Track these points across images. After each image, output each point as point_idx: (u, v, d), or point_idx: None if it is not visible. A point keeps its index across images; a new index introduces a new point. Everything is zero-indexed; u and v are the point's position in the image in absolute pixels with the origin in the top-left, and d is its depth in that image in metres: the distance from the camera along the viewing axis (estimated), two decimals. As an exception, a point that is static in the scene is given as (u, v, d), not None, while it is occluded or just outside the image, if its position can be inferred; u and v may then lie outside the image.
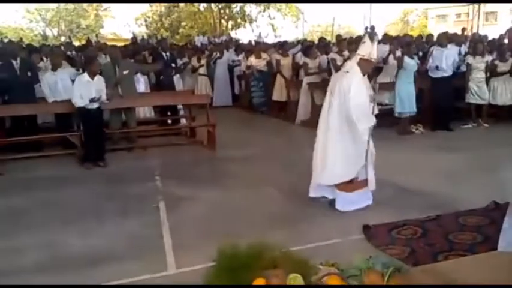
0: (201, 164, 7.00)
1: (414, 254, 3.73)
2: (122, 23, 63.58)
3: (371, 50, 4.57)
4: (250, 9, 34.62)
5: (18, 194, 5.61)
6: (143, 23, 36.63)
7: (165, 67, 9.07)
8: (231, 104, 12.35)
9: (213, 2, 32.55)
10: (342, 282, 2.55)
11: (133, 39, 18.56)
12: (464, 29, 15.78)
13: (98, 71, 6.89)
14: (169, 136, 8.58)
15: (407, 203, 4.86)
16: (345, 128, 4.54)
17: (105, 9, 39.10)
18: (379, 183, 4.77)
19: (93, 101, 6.61)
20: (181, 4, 34.69)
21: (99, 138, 6.89)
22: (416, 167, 6.22)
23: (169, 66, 9.34)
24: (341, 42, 10.05)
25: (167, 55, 9.44)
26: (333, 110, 4.59)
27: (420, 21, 46.36)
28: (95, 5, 37.84)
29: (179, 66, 10.12)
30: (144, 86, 9.09)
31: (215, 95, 11.96)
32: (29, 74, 7.40)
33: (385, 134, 7.09)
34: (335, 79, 4.84)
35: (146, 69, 9.17)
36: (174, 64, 9.69)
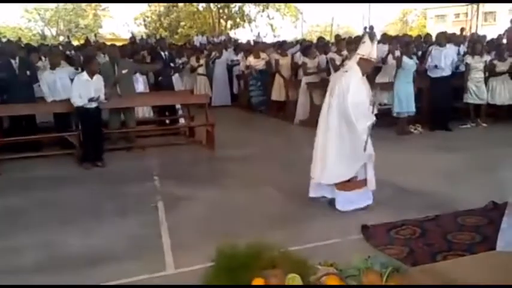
0: (199, 164, 7.00)
1: (413, 254, 3.73)
2: (121, 22, 63.38)
3: (371, 50, 4.58)
4: (249, 9, 34.67)
5: (16, 194, 5.60)
6: (142, 22, 36.65)
7: (163, 67, 9.06)
8: (230, 104, 12.36)
9: (212, 2, 32.56)
10: (340, 282, 2.55)
11: (132, 39, 18.52)
12: (463, 29, 15.79)
13: (97, 70, 6.88)
14: (168, 136, 8.57)
15: (406, 203, 4.87)
16: (343, 128, 4.54)
17: (104, 9, 39.11)
18: (378, 183, 4.76)
19: (92, 100, 6.61)
20: (180, 4, 34.69)
21: (98, 138, 6.88)
22: (415, 167, 6.23)
23: (168, 66, 9.33)
24: (340, 42, 10.06)
25: (166, 54, 9.43)
26: (332, 110, 4.59)
27: (419, 21, 46.44)
28: (94, 4, 37.82)
29: (178, 65, 10.11)
30: (142, 86, 9.08)
31: (214, 94, 11.95)
32: (28, 73, 7.38)
33: (384, 134, 7.09)
34: (334, 79, 4.85)
35: (145, 69, 9.16)
36: (173, 64, 9.69)
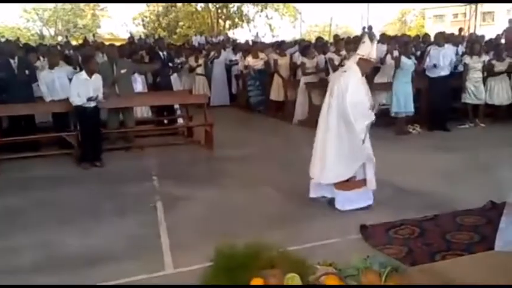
0: (198, 164, 6.99)
1: (411, 253, 3.73)
2: (119, 22, 63.26)
3: (370, 50, 4.60)
4: (248, 9, 34.65)
5: (14, 193, 5.59)
6: (140, 22, 36.59)
7: (162, 67, 9.05)
8: (229, 104, 12.35)
9: (211, 2, 32.54)
10: (339, 282, 2.55)
11: (131, 39, 18.51)
12: (461, 29, 15.79)
13: (96, 69, 6.86)
14: (166, 136, 8.56)
15: (404, 202, 4.87)
16: (342, 128, 4.54)
17: (102, 9, 39.06)
18: (377, 183, 4.74)
19: (90, 99, 6.60)
20: (178, 4, 34.63)
21: (96, 138, 6.87)
22: (413, 167, 6.23)
23: (167, 66, 9.32)
24: (339, 42, 10.06)
25: (164, 54, 9.42)
26: (332, 110, 4.60)
27: (417, 21, 46.48)
28: (92, 4, 37.74)
29: (176, 65, 10.10)
30: (141, 86, 9.07)
31: (212, 94, 11.94)
32: (26, 72, 7.37)
33: (382, 134, 7.10)
34: (334, 79, 4.85)
35: (144, 69, 9.15)
36: (172, 63, 9.68)
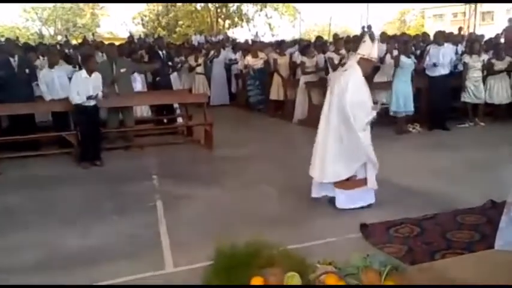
0: (198, 163, 6.99)
1: (411, 252, 3.73)
2: (119, 22, 63.41)
3: (371, 50, 4.61)
4: (247, 8, 34.65)
5: (14, 192, 5.59)
6: (140, 22, 36.58)
7: (161, 66, 9.04)
8: (228, 103, 12.34)
9: (210, 2, 32.52)
10: (339, 281, 2.55)
11: (130, 38, 18.50)
12: (461, 28, 15.78)
13: (96, 67, 6.86)
14: (166, 135, 8.56)
15: (404, 201, 4.87)
16: (343, 128, 4.54)
17: (102, 8, 39.01)
18: (377, 182, 4.75)
19: (90, 98, 6.59)
20: (178, 3, 34.64)
21: (96, 137, 6.87)
22: (413, 166, 6.24)
23: (166, 65, 9.32)
24: (338, 41, 10.06)
25: (164, 54, 9.42)
26: (333, 109, 4.60)
27: (417, 20, 46.47)
28: (92, 3, 37.73)
29: (176, 64, 10.09)
30: (140, 85, 9.07)
31: (212, 93, 11.93)
32: (27, 71, 7.37)
33: (382, 133, 7.09)
34: (334, 78, 4.85)
35: (143, 69, 9.14)
36: (171, 62, 9.67)
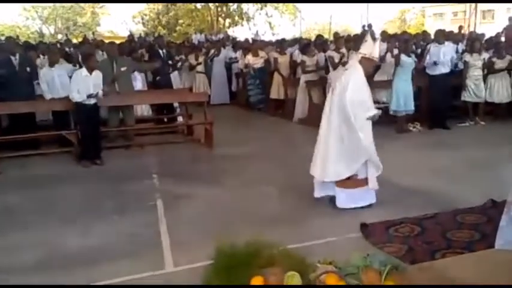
0: (198, 162, 6.99)
1: (412, 252, 3.73)
2: (119, 20, 63.33)
3: (373, 49, 4.61)
4: (248, 7, 34.64)
5: (14, 192, 5.59)
6: (140, 20, 36.58)
7: (162, 65, 9.03)
8: (229, 102, 12.34)
9: (210, 2, 32.48)
10: (339, 281, 2.55)
11: (130, 37, 18.48)
12: (461, 27, 15.77)
13: (96, 66, 6.85)
14: (166, 134, 8.56)
15: (404, 201, 4.87)
16: (343, 127, 4.54)
17: (102, 7, 38.97)
18: (377, 182, 4.75)
19: (90, 96, 6.59)
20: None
21: (96, 136, 6.86)
22: (413, 165, 6.23)
23: (167, 64, 9.31)
24: (338, 39, 10.04)
25: (164, 52, 9.41)
26: (334, 108, 4.60)
27: (417, 19, 46.43)
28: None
29: (175, 63, 10.08)
30: (141, 84, 9.06)
31: (212, 92, 11.93)
32: (28, 70, 7.37)
33: (383, 132, 7.04)
34: (335, 77, 4.86)
35: (144, 68, 9.13)
36: (171, 61, 9.66)
